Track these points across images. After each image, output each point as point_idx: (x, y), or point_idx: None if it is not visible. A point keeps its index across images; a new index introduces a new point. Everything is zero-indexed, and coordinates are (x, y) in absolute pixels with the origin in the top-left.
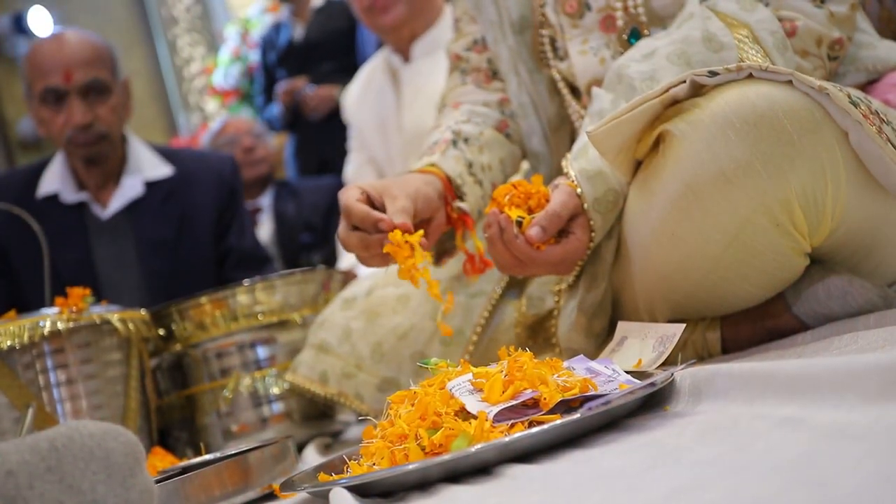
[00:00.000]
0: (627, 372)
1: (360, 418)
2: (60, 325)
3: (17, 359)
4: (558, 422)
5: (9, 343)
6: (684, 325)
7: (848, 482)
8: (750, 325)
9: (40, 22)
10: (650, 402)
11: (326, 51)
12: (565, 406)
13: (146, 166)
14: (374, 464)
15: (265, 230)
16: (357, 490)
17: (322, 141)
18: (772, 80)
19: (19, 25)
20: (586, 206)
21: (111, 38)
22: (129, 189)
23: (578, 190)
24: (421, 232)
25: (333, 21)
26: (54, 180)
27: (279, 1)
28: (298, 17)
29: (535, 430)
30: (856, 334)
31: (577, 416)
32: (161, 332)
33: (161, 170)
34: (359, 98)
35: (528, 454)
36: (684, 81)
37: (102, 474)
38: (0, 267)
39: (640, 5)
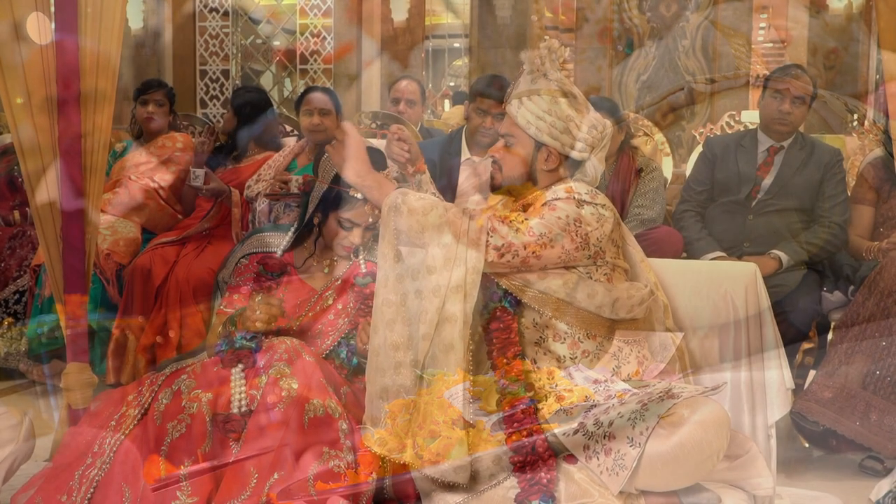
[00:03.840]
0: (625, 381)
1: (359, 426)
2: None
3: None
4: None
5: None
6: (682, 334)
7: None
8: None
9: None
10: None
11: None
12: (563, 415)
13: None
14: (372, 472)
15: None
16: (355, 498)
17: None
18: None
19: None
20: None
21: None
22: None
23: None
24: None
25: None
26: None
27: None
28: None
29: None
30: None
31: None
32: None
33: None
34: None
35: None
36: None
37: None
38: None
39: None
